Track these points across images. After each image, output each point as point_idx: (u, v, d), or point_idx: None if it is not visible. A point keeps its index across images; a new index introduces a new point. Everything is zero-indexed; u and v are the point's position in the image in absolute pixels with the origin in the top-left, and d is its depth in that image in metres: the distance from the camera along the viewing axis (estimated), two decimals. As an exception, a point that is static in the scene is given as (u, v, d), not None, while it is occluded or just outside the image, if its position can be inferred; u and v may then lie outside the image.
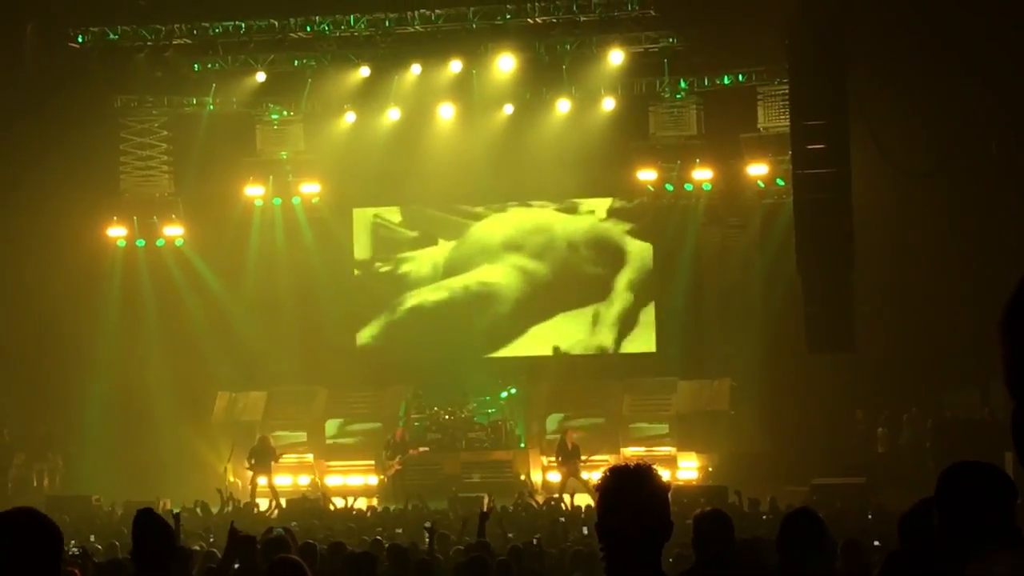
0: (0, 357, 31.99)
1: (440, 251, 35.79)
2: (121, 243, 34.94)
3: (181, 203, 35.01)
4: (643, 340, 34.85)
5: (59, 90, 31.67)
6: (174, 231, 35.17)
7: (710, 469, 30.88)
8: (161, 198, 34.98)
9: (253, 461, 29.87)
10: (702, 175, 33.39)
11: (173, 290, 35.10)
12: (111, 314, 34.39)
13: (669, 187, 33.76)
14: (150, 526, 7.75)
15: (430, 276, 35.73)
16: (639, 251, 34.88)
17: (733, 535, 7.72)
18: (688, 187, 33.66)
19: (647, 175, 33.68)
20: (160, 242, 35.13)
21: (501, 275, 35.52)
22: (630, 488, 4.49)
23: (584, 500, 26.03)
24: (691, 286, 34.12)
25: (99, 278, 34.36)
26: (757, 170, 32.52)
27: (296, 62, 33.50)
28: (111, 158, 34.50)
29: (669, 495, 4.58)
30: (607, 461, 26.98)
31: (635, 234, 34.89)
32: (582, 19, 30.98)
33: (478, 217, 35.72)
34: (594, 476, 25.85)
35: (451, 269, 35.64)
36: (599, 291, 35.07)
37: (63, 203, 31.86)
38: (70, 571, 11.01)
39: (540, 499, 27.41)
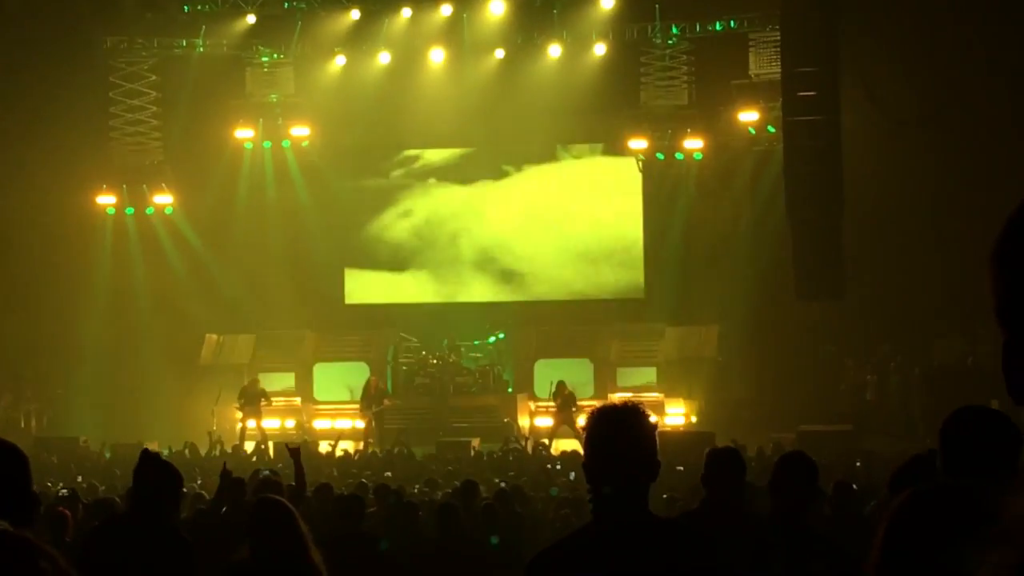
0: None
1: (429, 195, 35.70)
2: (110, 211, 34.55)
3: (170, 169, 34.52)
4: (631, 286, 34.88)
5: (47, 31, 31.36)
6: (163, 199, 34.64)
7: (696, 416, 30.94)
8: (151, 166, 34.53)
9: (242, 401, 29.82)
10: (693, 144, 33.29)
11: (162, 250, 34.87)
12: (102, 268, 34.21)
13: (660, 156, 33.65)
14: (150, 466, 7.89)
15: (419, 220, 35.64)
16: (629, 198, 34.82)
17: (744, 474, 7.80)
18: (679, 156, 33.54)
19: (638, 144, 33.52)
20: (149, 210, 34.74)
21: (490, 220, 35.47)
22: (617, 428, 4.47)
23: (571, 446, 26.10)
24: (680, 232, 34.09)
25: (89, 240, 34.10)
26: (748, 117, 32.43)
27: (286, 4, 33.32)
28: (100, 108, 34.02)
29: (656, 436, 4.57)
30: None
31: (625, 183, 34.81)
32: (573, -37, 30.86)
33: (467, 161, 35.61)
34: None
35: (440, 214, 35.57)
36: (588, 237, 35.04)
37: (52, 160, 31.48)
38: (60, 511, 11.06)
39: (528, 444, 27.51)
